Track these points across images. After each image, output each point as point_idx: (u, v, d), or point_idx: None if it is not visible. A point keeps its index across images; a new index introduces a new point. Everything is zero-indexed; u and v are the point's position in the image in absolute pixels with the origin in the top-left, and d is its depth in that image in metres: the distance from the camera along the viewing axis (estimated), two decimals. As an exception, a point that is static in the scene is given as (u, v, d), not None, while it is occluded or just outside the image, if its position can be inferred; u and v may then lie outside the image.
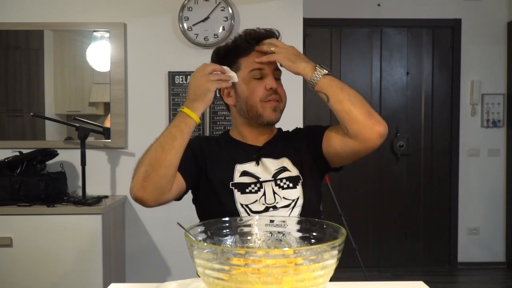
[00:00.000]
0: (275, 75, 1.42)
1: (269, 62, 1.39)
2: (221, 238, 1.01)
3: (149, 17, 2.84)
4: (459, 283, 3.84)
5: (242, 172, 1.38)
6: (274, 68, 1.42)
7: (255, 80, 1.40)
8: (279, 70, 1.44)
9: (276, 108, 1.41)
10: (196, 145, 1.44)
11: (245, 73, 1.41)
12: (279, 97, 1.41)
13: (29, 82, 2.86)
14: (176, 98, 2.82)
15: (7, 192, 2.45)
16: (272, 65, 1.41)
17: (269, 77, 1.39)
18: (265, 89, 1.39)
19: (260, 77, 1.40)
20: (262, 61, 1.36)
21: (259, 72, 1.40)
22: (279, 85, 1.43)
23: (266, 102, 1.39)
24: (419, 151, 4.08)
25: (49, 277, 2.38)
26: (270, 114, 1.40)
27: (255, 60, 1.38)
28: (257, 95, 1.39)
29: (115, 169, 2.84)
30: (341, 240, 0.84)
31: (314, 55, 3.98)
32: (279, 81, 1.44)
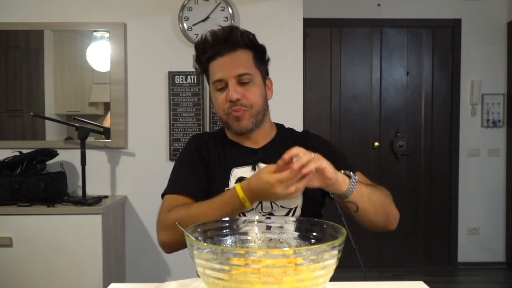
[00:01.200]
0: (240, 80, 1.32)
1: (231, 67, 1.31)
2: (221, 238, 1.01)
3: (149, 17, 2.84)
4: (459, 283, 3.84)
5: (238, 179, 1.32)
6: (236, 74, 1.31)
7: (219, 91, 1.34)
8: (246, 74, 1.32)
9: (241, 117, 1.32)
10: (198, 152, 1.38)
11: (211, 83, 1.37)
12: (244, 106, 1.32)
13: (29, 82, 2.86)
14: (176, 98, 2.82)
15: (7, 192, 2.45)
16: (235, 70, 1.31)
17: (230, 87, 1.31)
18: (226, 101, 1.32)
19: (224, 86, 1.33)
20: (309, 169, 1.06)
21: (221, 82, 1.33)
22: (248, 90, 1.32)
23: (229, 114, 1.33)
24: (419, 151, 4.08)
25: (49, 277, 2.38)
26: (236, 125, 1.34)
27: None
28: (221, 107, 1.34)
29: (115, 169, 2.84)
30: (341, 240, 0.84)
31: (314, 55, 3.98)
32: (248, 85, 1.33)
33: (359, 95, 4.05)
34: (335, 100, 4.05)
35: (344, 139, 4.03)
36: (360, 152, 4.02)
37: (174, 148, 2.82)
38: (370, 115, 4.06)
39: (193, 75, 2.80)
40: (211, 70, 1.36)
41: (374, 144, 4.05)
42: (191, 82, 2.81)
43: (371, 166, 4.03)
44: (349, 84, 4.05)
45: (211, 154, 1.39)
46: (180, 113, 2.82)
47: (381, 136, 4.06)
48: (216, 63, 1.34)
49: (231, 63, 1.32)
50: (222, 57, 1.33)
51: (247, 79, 1.33)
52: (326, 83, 4.04)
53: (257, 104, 1.34)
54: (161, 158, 2.84)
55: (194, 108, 2.82)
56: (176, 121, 2.82)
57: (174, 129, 2.83)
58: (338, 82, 4.04)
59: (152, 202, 2.80)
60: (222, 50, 1.33)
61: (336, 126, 4.06)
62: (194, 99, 2.82)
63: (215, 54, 1.34)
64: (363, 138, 4.06)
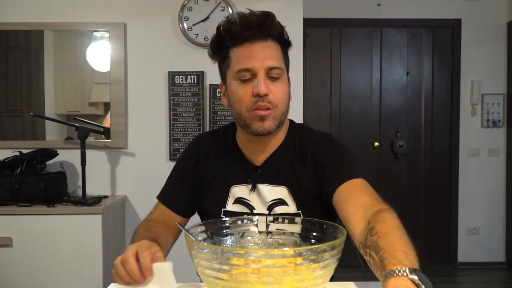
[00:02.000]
0: (270, 74, 1.15)
1: (262, 57, 1.13)
2: (221, 238, 1.01)
3: (149, 17, 2.84)
4: (459, 283, 3.84)
5: (236, 199, 1.22)
6: (268, 67, 1.14)
7: (243, 83, 1.15)
8: (278, 68, 1.16)
9: (265, 117, 1.14)
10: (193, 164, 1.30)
11: (233, 72, 1.17)
12: (271, 104, 1.14)
13: (29, 82, 2.86)
14: (176, 98, 2.82)
15: (7, 192, 2.45)
16: (267, 61, 1.14)
17: (259, 79, 1.13)
18: (252, 95, 1.14)
19: (250, 77, 1.15)
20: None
21: (248, 72, 1.14)
22: (276, 86, 1.16)
23: (253, 111, 1.14)
24: (419, 151, 4.08)
25: (49, 277, 2.38)
26: (258, 126, 1.15)
27: None
28: (243, 102, 1.15)
29: (115, 169, 2.84)
30: (341, 240, 0.84)
31: (314, 55, 3.98)
32: (277, 81, 1.16)
33: (359, 95, 4.05)
34: (335, 100, 4.05)
35: (344, 139, 4.03)
36: (360, 152, 4.02)
37: (174, 148, 2.82)
38: (370, 115, 4.06)
39: (193, 75, 2.80)
40: (235, 57, 1.17)
41: (374, 144, 4.05)
42: (191, 82, 2.81)
43: (371, 166, 4.02)
44: (349, 84, 4.05)
45: (207, 167, 1.28)
46: (180, 113, 2.82)
47: (381, 136, 4.06)
48: (243, 50, 1.15)
49: (263, 52, 1.15)
50: (253, 44, 1.15)
51: (277, 73, 1.16)
52: (326, 83, 4.04)
53: (283, 104, 1.18)
54: (161, 158, 2.84)
55: (194, 108, 2.82)
56: (176, 121, 2.82)
57: (174, 129, 2.82)
58: (338, 82, 4.04)
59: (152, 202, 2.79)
60: (253, 36, 1.15)
61: (336, 126, 4.06)
62: (194, 99, 2.82)
63: (244, 39, 1.15)
64: (363, 138, 4.06)
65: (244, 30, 1.15)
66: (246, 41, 1.15)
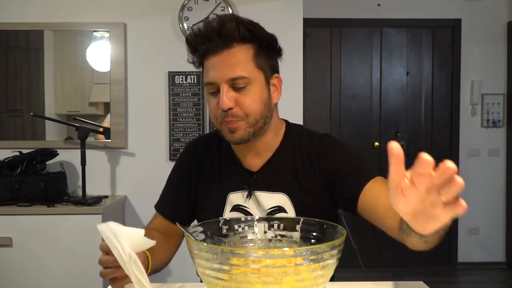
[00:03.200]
0: (234, 84, 1.11)
1: (223, 68, 1.10)
2: (221, 238, 1.01)
3: (149, 17, 2.84)
4: (459, 283, 3.84)
5: (234, 207, 1.21)
6: (229, 78, 1.10)
7: (211, 96, 1.15)
8: (241, 78, 1.10)
9: (234, 129, 1.13)
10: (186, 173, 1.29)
11: (204, 84, 1.17)
12: (237, 116, 1.12)
13: (29, 82, 2.86)
14: (176, 98, 2.82)
15: (7, 192, 2.45)
16: (228, 72, 1.10)
17: (221, 93, 1.10)
18: (218, 108, 1.12)
19: (216, 90, 1.12)
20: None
21: (212, 85, 1.13)
22: (244, 95, 1.11)
23: (222, 124, 1.15)
24: (419, 151, 4.07)
25: (49, 277, 2.38)
26: (229, 136, 1.15)
27: None
28: (214, 115, 1.16)
29: (115, 169, 2.84)
30: (341, 240, 0.84)
31: (314, 55, 3.98)
32: (244, 89, 1.11)
33: (359, 95, 4.05)
34: (335, 100, 4.05)
35: (344, 139, 4.02)
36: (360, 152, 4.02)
37: (174, 148, 2.82)
38: (370, 115, 4.06)
39: (193, 75, 2.80)
40: (205, 69, 1.16)
41: (374, 144, 4.05)
42: (191, 82, 2.81)
43: (371, 166, 4.03)
44: (349, 84, 4.05)
45: (203, 175, 1.27)
46: (180, 113, 2.82)
47: (381, 136, 4.06)
48: (208, 62, 1.13)
49: (224, 63, 1.11)
50: (214, 56, 1.11)
51: (243, 83, 1.11)
52: (326, 83, 4.04)
53: (254, 112, 1.13)
54: (161, 158, 2.84)
55: (194, 108, 2.82)
56: (176, 121, 2.82)
57: (174, 129, 2.83)
58: (338, 82, 4.04)
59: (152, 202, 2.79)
60: (214, 47, 1.11)
61: (336, 126, 4.06)
62: (194, 99, 2.82)
63: (207, 51, 1.12)
64: (363, 138, 4.06)
65: (203, 42, 1.11)
66: (209, 53, 1.12)
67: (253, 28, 1.13)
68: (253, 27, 1.13)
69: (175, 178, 1.33)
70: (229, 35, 1.10)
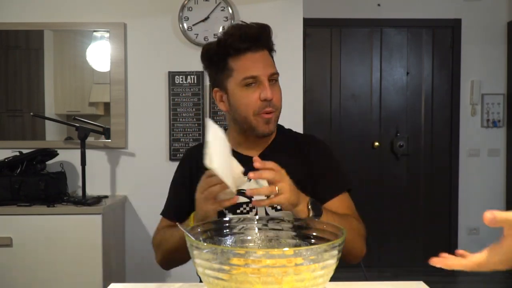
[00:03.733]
0: (271, 78, 1.28)
1: (264, 65, 1.27)
2: (221, 238, 1.01)
3: (149, 17, 2.84)
4: (459, 283, 3.84)
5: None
6: (270, 73, 1.28)
7: (249, 88, 1.27)
8: (277, 73, 1.31)
9: (270, 120, 1.28)
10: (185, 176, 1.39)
11: (238, 80, 1.27)
12: (274, 107, 1.28)
13: (29, 82, 2.86)
14: (176, 98, 2.82)
15: (7, 192, 2.45)
16: (269, 68, 1.28)
17: (265, 86, 1.26)
18: (259, 100, 1.26)
19: (254, 83, 1.27)
20: (262, 205, 1.11)
21: (253, 79, 1.26)
22: (276, 91, 1.29)
23: (259, 115, 1.27)
24: (419, 151, 4.08)
25: (49, 277, 2.37)
26: (264, 128, 1.29)
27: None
28: (251, 107, 1.27)
29: (115, 169, 2.84)
30: (341, 240, 0.84)
31: (314, 55, 3.98)
32: (275, 84, 1.31)
33: (359, 95, 4.05)
34: (335, 100, 4.05)
35: (344, 139, 4.03)
36: (360, 152, 4.02)
37: (174, 148, 2.82)
38: (370, 115, 4.06)
39: (193, 75, 2.80)
40: (238, 66, 1.27)
41: (374, 144, 4.05)
42: (191, 82, 2.81)
43: (371, 166, 4.03)
44: (349, 84, 4.05)
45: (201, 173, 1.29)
46: (180, 113, 2.82)
47: (381, 136, 4.06)
48: (246, 60, 1.27)
49: (264, 61, 1.28)
50: (255, 54, 1.27)
51: (276, 78, 1.31)
52: (326, 83, 4.04)
53: (280, 105, 1.33)
54: (161, 158, 2.84)
55: (194, 108, 2.82)
56: (176, 121, 2.82)
57: (174, 129, 2.83)
58: (338, 82, 4.04)
59: (152, 202, 2.79)
60: (254, 46, 1.27)
61: (336, 126, 4.06)
62: (194, 99, 2.82)
63: (245, 49, 1.27)
64: (363, 138, 4.06)
65: (244, 42, 1.27)
66: (248, 52, 1.27)
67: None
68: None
69: (176, 183, 1.43)
70: (266, 40, 1.31)
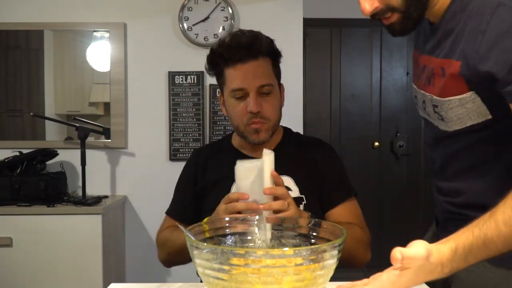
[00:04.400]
0: (261, 91, 1.29)
1: (253, 77, 1.27)
2: (221, 238, 1.01)
3: (149, 17, 2.84)
4: (459, 283, 3.83)
5: None
6: (259, 85, 1.28)
7: (237, 101, 1.30)
8: (268, 85, 1.30)
9: (259, 130, 1.30)
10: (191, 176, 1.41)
11: (228, 90, 1.31)
12: (263, 118, 1.30)
13: (29, 82, 2.86)
14: (176, 98, 2.82)
15: (7, 192, 2.45)
16: (258, 80, 1.28)
17: (251, 98, 1.27)
18: (246, 112, 1.29)
19: (243, 95, 1.29)
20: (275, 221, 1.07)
21: (241, 91, 1.28)
22: (266, 102, 1.30)
23: (248, 125, 1.30)
24: (419, 151, 4.08)
25: (49, 277, 2.37)
26: (254, 137, 1.32)
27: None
28: (239, 117, 1.31)
29: (115, 169, 2.84)
30: (341, 240, 0.84)
31: (314, 55, 3.98)
32: (268, 96, 1.30)
33: (359, 95, 4.05)
34: (335, 100, 4.05)
35: (344, 139, 4.03)
36: (360, 152, 4.02)
37: (174, 148, 2.82)
38: (370, 115, 4.06)
39: (193, 75, 2.80)
40: (229, 76, 1.31)
41: (374, 144, 4.05)
42: (191, 82, 2.81)
43: (371, 166, 4.02)
44: (349, 84, 4.05)
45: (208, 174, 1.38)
46: (180, 113, 2.82)
47: (381, 136, 4.06)
48: (236, 70, 1.29)
49: (253, 72, 1.28)
50: (244, 64, 1.28)
51: (268, 90, 1.30)
52: (326, 83, 4.04)
53: (275, 117, 1.33)
54: (161, 158, 2.84)
55: (194, 108, 2.82)
56: (176, 121, 2.82)
57: (174, 129, 2.82)
58: (338, 82, 4.04)
59: (152, 202, 2.80)
60: (244, 57, 1.28)
61: (336, 126, 4.06)
62: (194, 99, 2.82)
63: (236, 60, 1.28)
64: (363, 138, 4.06)
65: (235, 52, 1.27)
66: (238, 62, 1.28)
67: (272, 44, 1.34)
68: (272, 43, 1.34)
69: (183, 182, 1.45)
70: (259, 49, 1.29)
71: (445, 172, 1.12)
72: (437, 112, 1.04)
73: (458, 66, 0.94)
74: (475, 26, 0.91)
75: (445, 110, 1.01)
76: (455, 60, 0.95)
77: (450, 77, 0.97)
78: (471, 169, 1.06)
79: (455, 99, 0.98)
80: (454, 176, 1.10)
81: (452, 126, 1.03)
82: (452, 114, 1.00)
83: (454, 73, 0.96)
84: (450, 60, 0.97)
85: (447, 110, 1.01)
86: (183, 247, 1.17)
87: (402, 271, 0.78)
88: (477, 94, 0.95)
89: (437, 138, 1.12)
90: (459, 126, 1.02)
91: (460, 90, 0.97)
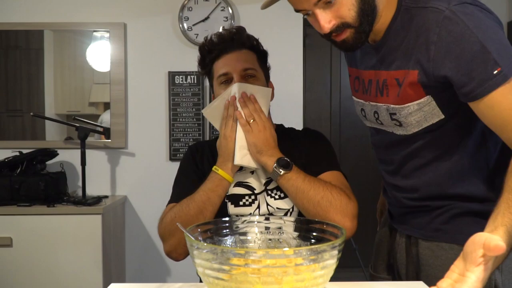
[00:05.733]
0: (246, 74, 1.34)
1: (236, 61, 1.34)
2: (221, 238, 1.01)
3: (149, 17, 2.84)
4: (459, 283, 3.83)
5: (237, 183, 1.34)
6: (242, 69, 1.33)
7: (223, 86, 1.35)
8: (251, 69, 1.35)
9: None
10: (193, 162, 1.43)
11: (216, 79, 1.37)
12: None
13: (29, 82, 2.86)
14: (176, 98, 2.82)
15: (7, 192, 2.45)
16: (240, 64, 1.33)
17: (234, 81, 1.32)
18: None
19: (227, 80, 1.34)
20: None
21: (225, 76, 1.34)
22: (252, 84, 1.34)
23: None
24: (419, 151, 4.08)
25: (49, 277, 2.38)
26: None
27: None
28: None
29: (115, 169, 2.84)
30: (341, 240, 0.84)
31: (314, 55, 3.98)
32: (253, 79, 1.34)
33: (359, 95, 4.06)
34: (335, 100, 4.05)
35: (344, 139, 4.03)
36: (360, 152, 4.02)
37: (174, 148, 2.82)
38: (370, 115, 4.06)
39: (193, 75, 2.80)
40: (216, 68, 1.37)
41: (374, 144, 4.05)
42: (191, 82, 2.81)
43: (371, 166, 4.02)
44: (349, 84, 4.05)
45: (204, 163, 1.41)
46: (180, 113, 2.82)
47: (381, 136, 4.06)
48: (222, 60, 1.36)
49: (237, 59, 1.34)
50: (228, 54, 1.35)
51: (252, 73, 1.35)
52: (326, 83, 4.04)
53: None
54: (161, 158, 2.84)
55: (194, 108, 2.82)
56: (176, 121, 2.82)
57: (174, 129, 2.83)
58: (338, 82, 4.04)
59: (152, 202, 2.80)
60: (228, 48, 1.35)
61: (336, 126, 4.06)
62: (194, 99, 2.82)
63: (221, 52, 1.36)
64: (363, 138, 4.05)
65: (219, 43, 1.36)
66: (223, 53, 1.35)
67: (256, 42, 1.42)
68: (257, 42, 1.42)
69: (183, 170, 1.44)
70: (240, 40, 1.37)
71: (403, 171, 1.21)
72: (395, 119, 1.13)
73: (416, 74, 1.04)
74: (426, 38, 1.02)
75: (404, 115, 1.11)
76: (411, 69, 1.05)
77: (408, 85, 1.07)
78: (427, 165, 1.16)
79: (413, 105, 1.08)
80: (411, 173, 1.19)
81: (410, 130, 1.13)
82: (411, 118, 1.10)
83: (413, 81, 1.05)
84: (405, 71, 1.06)
85: (406, 115, 1.10)
86: (200, 203, 1.24)
87: (486, 265, 0.75)
88: (433, 98, 1.06)
89: (392, 142, 1.21)
90: (417, 129, 1.12)
91: (418, 95, 1.07)
